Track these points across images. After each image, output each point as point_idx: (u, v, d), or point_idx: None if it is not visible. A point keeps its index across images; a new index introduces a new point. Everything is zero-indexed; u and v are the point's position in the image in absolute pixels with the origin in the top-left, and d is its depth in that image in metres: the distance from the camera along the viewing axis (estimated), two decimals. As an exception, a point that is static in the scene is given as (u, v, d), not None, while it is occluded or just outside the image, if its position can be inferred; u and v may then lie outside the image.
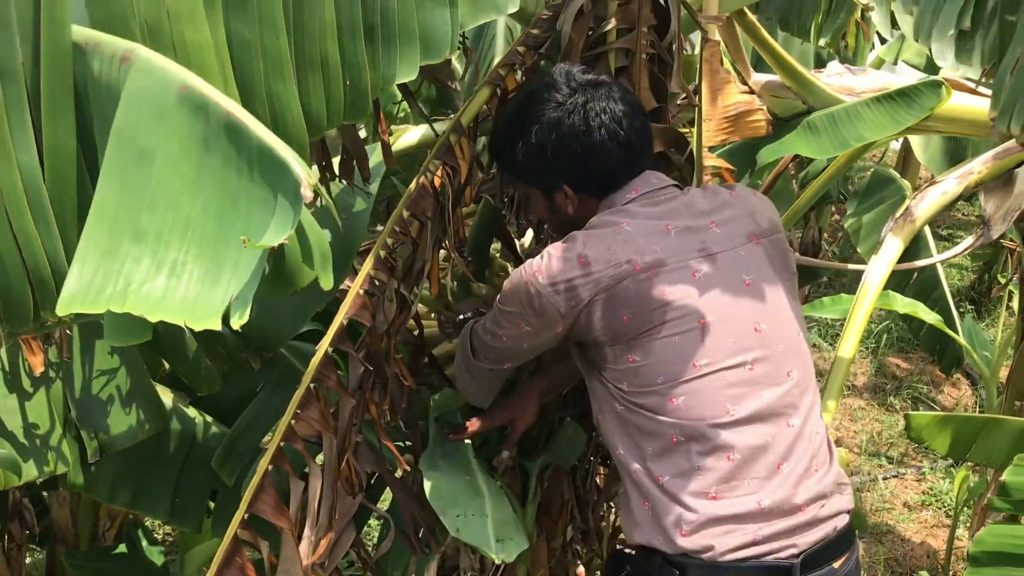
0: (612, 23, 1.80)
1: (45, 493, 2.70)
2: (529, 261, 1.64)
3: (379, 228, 2.14)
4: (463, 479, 1.81)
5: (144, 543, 2.92)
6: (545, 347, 1.73)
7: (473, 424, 1.89)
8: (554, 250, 1.62)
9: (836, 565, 1.62)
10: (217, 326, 1.02)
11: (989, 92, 1.36)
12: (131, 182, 1.08)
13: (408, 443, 1.93)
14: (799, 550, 1.57)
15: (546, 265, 1.60)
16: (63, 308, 1.05)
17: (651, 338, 1.57)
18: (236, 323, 1.01)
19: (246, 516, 1.51)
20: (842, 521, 1.64)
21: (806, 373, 1.66)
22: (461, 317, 1.98)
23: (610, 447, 1.68)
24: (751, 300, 1.62)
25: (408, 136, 2.42)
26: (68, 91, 1.12)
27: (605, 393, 1.65)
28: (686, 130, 2.02)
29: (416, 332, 1.97)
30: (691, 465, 1.56)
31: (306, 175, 1.02)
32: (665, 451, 1.58)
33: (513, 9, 1.43)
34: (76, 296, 1.05)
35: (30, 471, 1.92)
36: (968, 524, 3.74)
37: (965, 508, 3.70)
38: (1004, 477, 1.83)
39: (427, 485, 1.74)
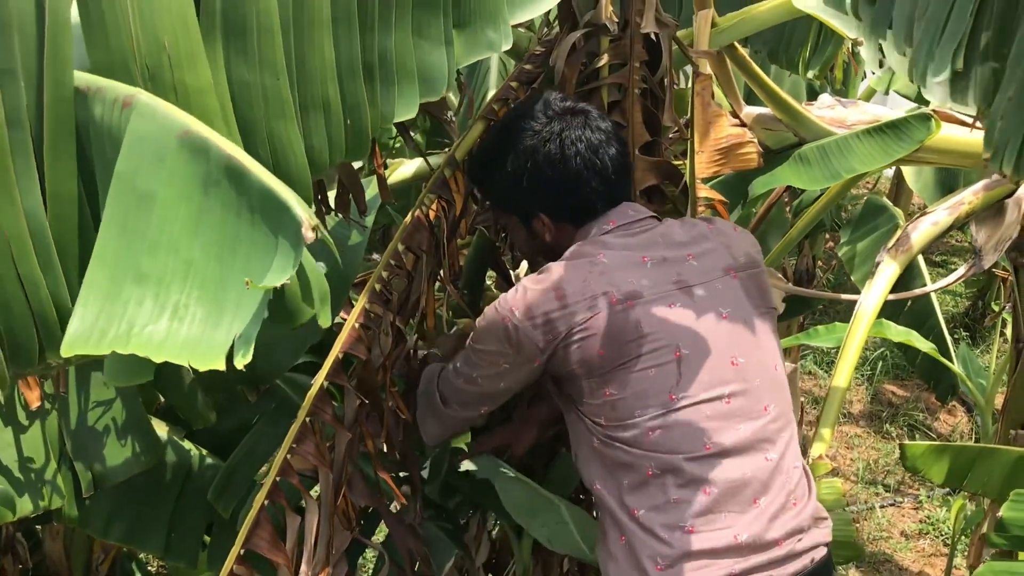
0: (604, 59, 1.83)
1: (38, 527, 2.68)
2: (503, 296, 1.63)
3: (375, 256, 2.14)
4: (530, 488, 1.85)
5: (138, 577, 2.90)
6: (523, 384, 1.70)
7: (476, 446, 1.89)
8: (529, 283, 1.61)
9: None
10: (221, 366, 1.03)
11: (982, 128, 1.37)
12: (132, 225, 1.09)
13: (404, 475, 1.93)
14: None
15: (522, 298, 1.59)
16: (67, 350, 1.06)
17: (628, 371, 1.56)
18: (240, 363, 1.02)
19: (242, 552, 1.51)
20: (819, 553, 1.62)
21: (784, 407, 1.66)
22: (421, 355, 1.94)
23: (587, 482, 1.66)
24: (728, 333, 1.62)
25: (404, 168, 2.44)
26: (70, 136, 1.14)
27: (582, 428, 1.64)
28: (679, 162, 2.04)
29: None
30: (667, 498, 1.55)
31: (307, 217, 1.03)
32: (641, 484, 1.57)
33: (506, 47, 1.45)
34: (80, 338, 1.06)
35: (24, 506, 1.91)
36: (965, 553, 3.72)
37: (962, 537, 3.69)
38: (1002, 513, 1.81)
39: (503, 496, 1.79)
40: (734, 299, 1.65)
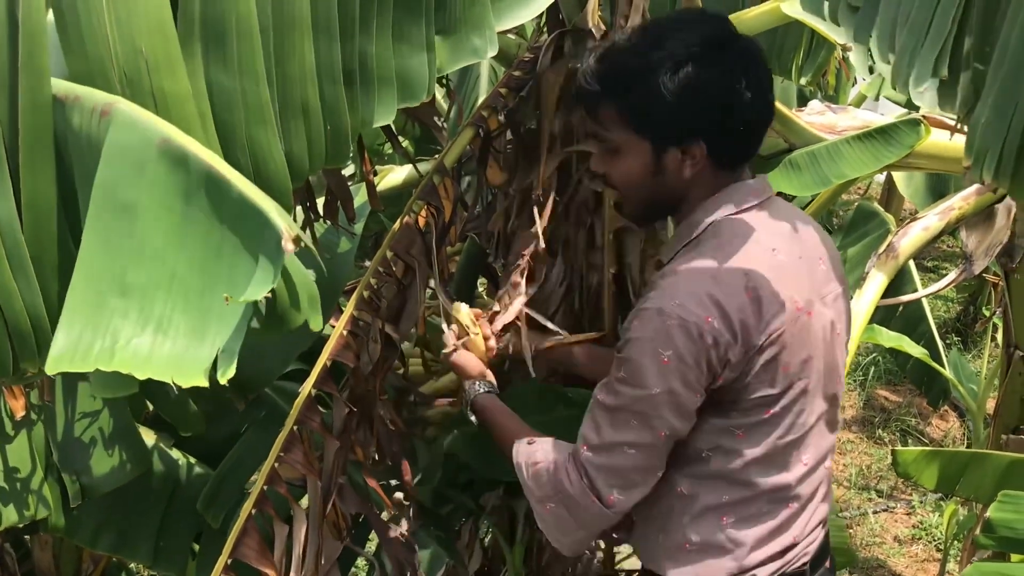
0: (592, 64, 1.81)
1: (27, 536, 2.67)
2: (664, 300, 1.35)
3: (367, 263, 2.14)
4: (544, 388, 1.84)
5: (128, 586, 2.88)
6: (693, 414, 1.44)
7: None
8: (710, 281, 1.35)
9: (827, 566, 1.66)
10: (204, 383, 1.02)
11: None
12: (115, 237, 1.08)
13: (396, 482, 1.92)
14: (809, 557, 1.59)
15: (711, 302, 1.34)
16: (52, 367, 1.05)
17: (797, 388, 1.43)
18: (223, 378, 1.01)
19: (229, 561, 1.49)
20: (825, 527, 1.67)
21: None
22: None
23: (670, 483, 1.50)
24: (837, 351, 1.54)
25: (393, 175, 2.44)
26: (48, 144, 1.12)
27: (699, 433, 1.47)
28: (669, 168, 2.03)
29: (401, 371, 1.97)
30: (758, 511, 1.50)
31: (287, 227, 1.02)
32: (744, 500, 1.49)
33: (492, 54, 1.45)
34: (65, 355, 1.05)
35: (10, 516, 1.90)
36: (959, 558, 3.72)
37: (955, 542, 3.69)
38: (988, 514, 1.81)
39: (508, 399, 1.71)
40: (844, 316, 1.57)
